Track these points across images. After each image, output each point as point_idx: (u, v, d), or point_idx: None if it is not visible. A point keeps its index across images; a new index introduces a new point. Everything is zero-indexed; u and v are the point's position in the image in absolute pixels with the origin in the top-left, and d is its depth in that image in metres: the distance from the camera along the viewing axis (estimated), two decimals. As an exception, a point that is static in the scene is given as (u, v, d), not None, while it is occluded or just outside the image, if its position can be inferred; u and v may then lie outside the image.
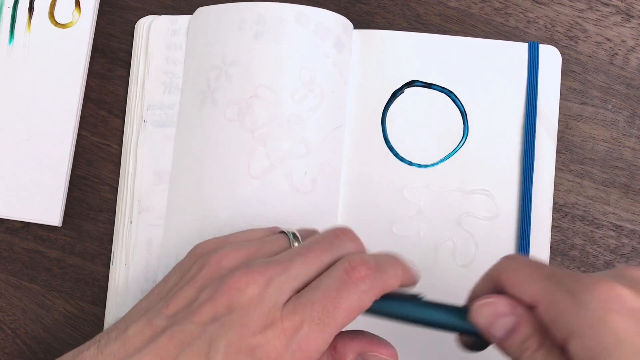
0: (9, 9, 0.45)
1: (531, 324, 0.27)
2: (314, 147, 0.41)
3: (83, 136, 0.45)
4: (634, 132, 0.44)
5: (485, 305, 0.28)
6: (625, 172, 0.44)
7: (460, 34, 0.45)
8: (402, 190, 0.43)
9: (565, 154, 0.44)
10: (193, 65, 0.44)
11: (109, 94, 0.46)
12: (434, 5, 0.45)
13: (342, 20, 0.43)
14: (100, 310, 0.43)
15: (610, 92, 0.44)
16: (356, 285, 0.28)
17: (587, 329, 0.23)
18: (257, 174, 0.41)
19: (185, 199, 0.42)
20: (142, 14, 0.46)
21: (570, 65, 0.44)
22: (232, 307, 0.28)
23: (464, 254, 0.42)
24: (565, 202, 0.43)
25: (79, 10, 0.45)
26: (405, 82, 0.44)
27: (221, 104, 0.42)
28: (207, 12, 0.44)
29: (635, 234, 0.43)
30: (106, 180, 0.45)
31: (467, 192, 0.43)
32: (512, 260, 0.30)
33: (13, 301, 0.44)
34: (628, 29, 0.45)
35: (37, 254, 0.44)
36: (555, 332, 0.25)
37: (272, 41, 0.42)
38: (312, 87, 0.42)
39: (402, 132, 0.43)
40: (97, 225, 0.44)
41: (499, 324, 0.27)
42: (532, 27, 0.45)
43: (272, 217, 0.40)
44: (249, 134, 0.41)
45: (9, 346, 0.44)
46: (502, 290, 0.28)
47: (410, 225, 0.43)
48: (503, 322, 0.27)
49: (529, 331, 0.26)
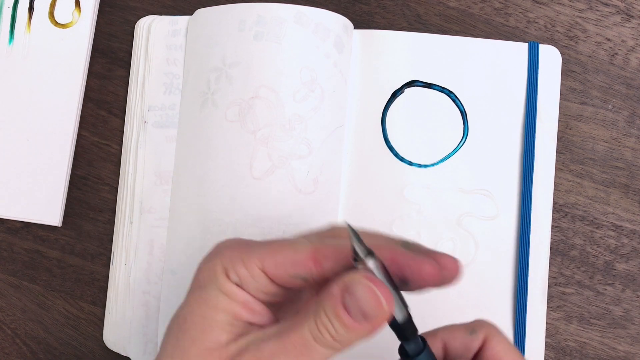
0: (9, 9, 0.45)
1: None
2: (316, 147, 0.41)
3: (83, 136, 0.45)
4: (634, 132, 0.44)
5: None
6: (625, 172, 0.44)
7: (460, 34, 0.45)
8: (402, 190, 0.43)
9: (565, 154, 0.44)
10: (193, 66, 0.43)
11: (109, 94, 0.46)
12: (434, 5, 0.45)
13: (342, 20, 0.43)
14: (100, 310, 0.44)
15: (610, 92, 0.44)
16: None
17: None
18: (259, 175, 0.41)
19: (188, 200, 0.42)
20: (142, 14, 0.46)
21: (570, 65, 0.44)
22: None
23: (464, 254, 0.42)
24: (565, 202, 0.43)
25: (79, 10, 0.45)
26: (405, 82, 0.44)
27: (222, 105, 0.42)
28: (206, 14, 0.44)
29: (635, 234, 0.43)
30: (106, 180, 0.45)
31: (467, 192, 0.43)
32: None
33: (13, 301, 0.44)
34: (628, 29, 0.45)
35: (37, 254, 0.44)
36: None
37: (272, 42, 0.42)
38: (313, 87, 0.42)
39: (402, 132, 0.43)
40: (97, 225, 0.44)
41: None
42: (532, 27, 0.45)
43: (274, 217, 0.40)
44: (250, 134, 0.41)
45: (9, 346, 0.44)
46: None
47: (410, 225, 0.43)
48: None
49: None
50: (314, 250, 0.26)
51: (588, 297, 0.43)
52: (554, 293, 0.43)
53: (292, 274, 0.27)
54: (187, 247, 0.42)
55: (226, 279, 0.27)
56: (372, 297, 0.24)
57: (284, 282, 0.27)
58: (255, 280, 0.27)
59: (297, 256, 0.27)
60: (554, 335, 0.42)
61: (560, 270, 0.43)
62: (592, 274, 0.43)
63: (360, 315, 0.24)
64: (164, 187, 0.43)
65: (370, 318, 0.25)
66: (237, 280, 0.27)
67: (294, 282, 0.27)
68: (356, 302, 0.24)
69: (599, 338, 0.42)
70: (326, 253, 0.26)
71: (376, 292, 0.24)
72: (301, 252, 0.27)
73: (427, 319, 0.31)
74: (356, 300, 0.24)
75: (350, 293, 0.25)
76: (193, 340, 0.26)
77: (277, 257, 0.27)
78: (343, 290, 0.25)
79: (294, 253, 0.27)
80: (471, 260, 0.42)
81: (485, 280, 0.42)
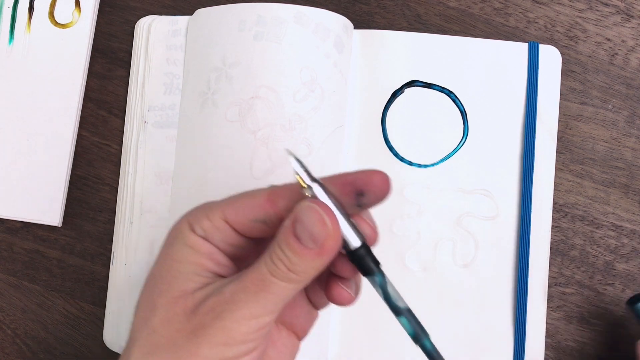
0: (9, 9, 0.45)
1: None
2: (316, 147, 0.41)
3: (83, 136, 0.45)
4: (634, 132, 0.44)
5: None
6: (625, 172, 0.44)
7: (460, 34, 0.45)
8: (402, 190, 0.43)
9: (565, 154, 0.44)
10: (193, 66, 0.43)
11: (109, 94, 0.46)
12: (434, 5, 0.45)
13: (342, 20, 0.43)
14: (100, 310, 0.43)
15: (610, 92, 0.44)
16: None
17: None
18: (259, 175, 0.41)
19: (188, 200, 0.42)
20: (142, 14, 0.46)
21: (570, 65, 0.44)
22: None
23: (463, 254, 0.42)
24: (565, 202, 0.43)
25: (79, 10, 0.45)
26: (405, 82, 0.44)
27: (222, 105, 0.42)
28: (206, 14, 0.44)
29: (635, 234, 0.43)
30: (106, 180, 0.45)
31: (467, 192, 0.43)
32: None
33: (13, 301, 0.44)
34: (628, 29, 0.45)
35: (37, 254, 0.44)
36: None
37: (272, 42, 0.42)
38: (313, 87, 0.42)
39: (402, 132, 0.43)
40: (97, 225, 0.44)
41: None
42: (532, 27, 0.45)
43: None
44: (250, 135, 0.41)
45: (9, 346, 0.44)
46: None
47: (410, 225, 0.43)
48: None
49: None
50: (270, 193, 0.27)
51: (588, 297, 0.43)
52: (554, 293, 0.43)
53: (251, 218, 0.27)
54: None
55: (191, 232, 0.28)
56: (317, 218, 0.25)
57: (246, 229, 0.28)
58: (220, 232, 0.28)
59: (254, 201, 0.27)
60: (554, 335, 0.42)
61: (560, 270, 0.43)
62: (592, 274, 0.43)
63: (309, 240, 0.25)
64: (164, 187, 0.43)
65: (318, 240, 0.25)
66: (202, 233, 0.27)
67: (255, 227, 0.28)
68: (304, 228, 0.25)
69: (599, 338, 0.42)
70: (280, 193, 0.27)
71: (320, 213, 0.25)
72: (258, 196, 0.28)
73: (428, 320, 0.31)
74: (304, 225, 0.25)
75: (299, 220, 0.25)
76: (160, 292, 0.27)
77: (236, 205, 0.28)
78: (293, 221, 0.26)
79: (251, 199, 0.28)
80: (471, 260, 0.42)
81: (485, 280, 0.42)
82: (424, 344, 0.27)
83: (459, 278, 0.42)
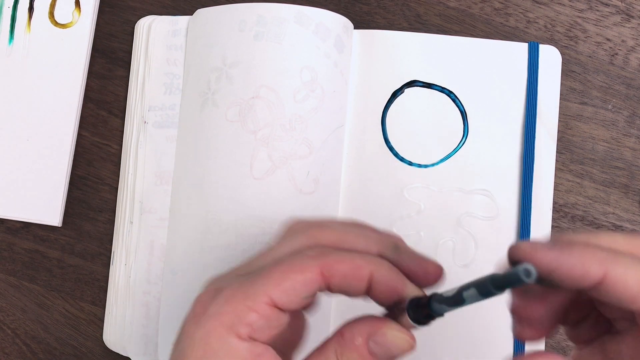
0: (9, 9, 0.45)
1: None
2: (316, 147, 0.41)
3: (83, 136, 0.45)
4: (634, 132, 0.44)
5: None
6: (625, 172, 0.44)
7: (460, 34, 0.45)
8: (402, 190, 0.43)
9: (565, 154, 0.44)
10: (193, 67, 0.43)
11: (109, 94, 0.46)
12: (434, 5, 0.45)
13: (342, 20, 0.43)
14: (100, 310, 0.43)
15: (610, 92, 0.44)
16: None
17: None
18: (259, 175, 0.41)
19: (188, 200, 0.42)
20: (142, 14, 0.46)
21: (570, 65, 0.44)
22: None
23: (463, 254, 0.42)
24: (565, 202, 0.43)
25: (79, 10, 0.45)
26: (405, 82, 0.44)
27: (222, 105, 0.42)
28: (206, 14, 0.44)
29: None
30: (106, 180, 0.45)
31: (467, 192, 0.43)
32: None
33: (13, 301, 0.44)
34: (628, 29, 0.45)
35: (37, 254, 0.44)
36: (622, 304, 0.23)
37: (272, 42, 0.42)
38: (313, 87, 0.42)
39: (402, 132, 0.43)
40: (97, 225, 0.44)
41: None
42: (532, 27, 0.45)
43: (275, 218, 0.40)
44: (250, 135, 0.41)
45: (9, 346, 0.44)
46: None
47: (410, 225, 0.43)
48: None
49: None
50: (322, 266, 0.25)
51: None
52: (554, 293, 0.43)
53: (303, 295, 0.25)
54: (188, 248, 0.42)
55: (234, 337, 0.24)
56: (403, 338, 0.26)
57: (295, 306, 0.25)
58: (267, 320, 0.24)
59: (304, 277, 0.24)
60: (553, 335, 0.42)
61: (560, 270, 0.43)
62: (592, 274, 0.43)
63: (386, 357, 0.25)
64: (164, 187, 0.43)
65: (397, 356, 0.25)
66: (248, 332, 0.24)
67: (303, 302, 0.25)
68: (384, 347, 0.25)
69: (599, 338, 0.42)
70: (334, 268, 0.25)
71: (407, 337, 0.26)
72: (307, 271, 0.24)
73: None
74: (386, 345, 0.25)
75: (377, 341, 0.25)
76: None
77: (285, 285, 0.24)
78: (366, 339, 0.25)
79: (300, 274, 0.24)
80: (471, 260, 0.42)
81: (485, 280, 0.42)
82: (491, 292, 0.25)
83: (459, 278, 0.42)
